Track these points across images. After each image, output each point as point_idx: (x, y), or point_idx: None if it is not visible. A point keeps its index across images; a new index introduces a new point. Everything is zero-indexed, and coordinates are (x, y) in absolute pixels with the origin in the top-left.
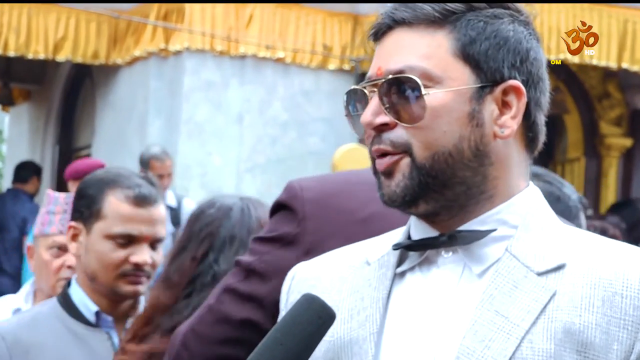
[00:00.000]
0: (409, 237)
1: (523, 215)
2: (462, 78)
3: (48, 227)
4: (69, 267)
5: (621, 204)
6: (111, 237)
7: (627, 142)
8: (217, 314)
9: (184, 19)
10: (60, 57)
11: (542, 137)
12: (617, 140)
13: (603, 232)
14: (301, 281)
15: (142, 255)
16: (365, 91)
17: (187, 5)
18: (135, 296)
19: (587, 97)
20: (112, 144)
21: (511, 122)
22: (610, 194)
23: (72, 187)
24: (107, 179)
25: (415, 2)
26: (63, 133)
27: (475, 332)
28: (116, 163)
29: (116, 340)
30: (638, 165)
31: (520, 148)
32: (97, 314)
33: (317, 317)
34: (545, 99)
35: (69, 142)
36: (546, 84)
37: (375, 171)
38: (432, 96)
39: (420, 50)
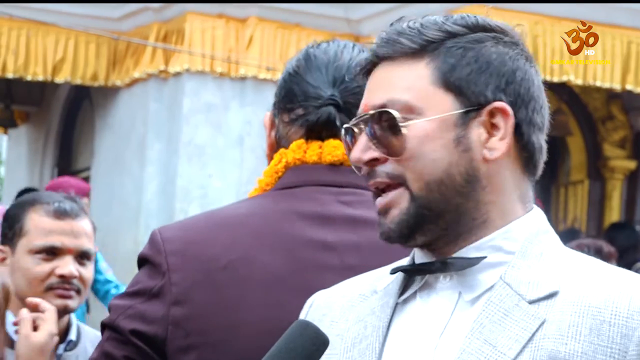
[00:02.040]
0: (413, 263)
1: (521, 242)
2: (444, 105)
3: None
4: None
5: (618, 226)
6: (34, 252)
7: (631, 164)
8: None
9: (183, 41)
10: (59, 79)
11: (540, 157)
12: (621, 163)
13: (598, 251)
14: (316, 309)
15: (66, 267)
16: (355, 129)
17: (187, 27)
18: (65, 311)
19: (590, 119)
20: (111, 167)
21: (499, 144)
22: (614, 217)
23: None
24: (28, 200)
25: (399, 34)
26: (62, 155)
27: None
28: (115, 185)
29: None
30: None
31: (515, 170)
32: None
33: (311, 343)
34: (542, 118)
35: (67, 164)
36: (540, 102)
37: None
38: (414, 126)
39: (401, 83)
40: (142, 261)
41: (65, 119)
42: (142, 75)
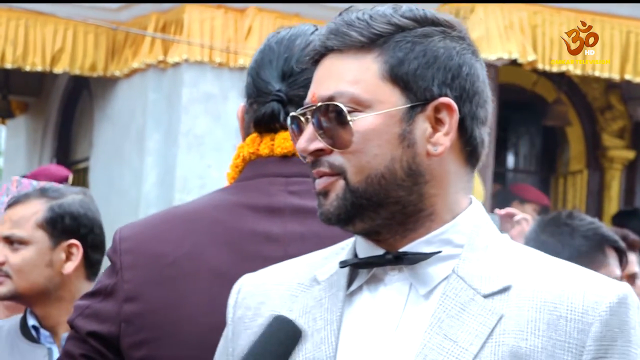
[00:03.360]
0: (355, 254)
1: (468, 235)
2: (391, 100)
3: None
4: None
5: (626, 213)
6: None
7: (630, 154)
8: None
9: (182, 31)
10: (58, 69)
11: (482, 150)
12: (619, 153)
13: (624, 239)
14: (248, 295)
15: None
16: (302, 118)
17: (186, 17)
18: None
19: (589, 109)
20: (110, 157)
21: (444, 139)
22: (612, 207)
23: None
24: None
25: (348, 26)
26: (60, 146)
27: (425, 356)
28: (114, 176)
29: (55, 356)
30: None
31: (458, 163)
32: (35, 328)
33: (286, 337)
34: (485, 112)
35: (66, 155)
36: (484, 96)
37: (316, 192)
38: (361, 121)
39: (349, 75)
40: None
41: (63, 109)
42: (141, 65)
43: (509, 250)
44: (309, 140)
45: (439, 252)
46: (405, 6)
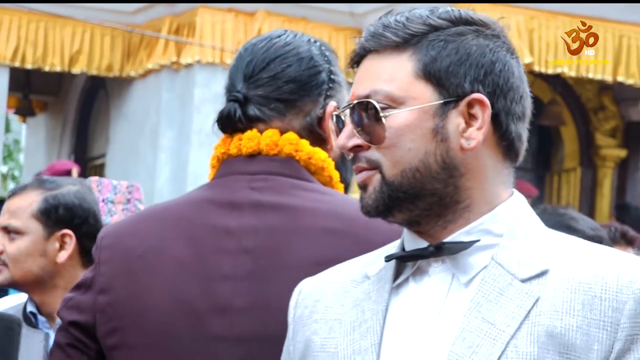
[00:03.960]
0: (403, 249)
1: (507, 224)
2: (425, 96)
3: (108, 217)
4: None
5: (624, 207)
6: None
7: (622, 152)
8: None
9: (195, 33)
10: (76, 70)
11: (520, 144)
12: (611, 151)
13: (623, 235)
14: (307, 295)
15: None
16: (342, 116)
17: (198, 20)
18: None
19: (583, 110)
20: (126, 154)
21: (477, 133)
22: (605, 203)
23: None
24: None
25: (384, 28)
26: (78, 143)
27: (464, 339)
28: (129, 172)
29: (52, 340)
30: (632, 175)
31: (496, 157)
32: (33, 314)
33: (7, 329)
34: (522, 107)
35: (83, 151)
36: (520, 92)
37: (359, 186)
38: (394, 116)
39: (385, 74)
40: None
41: (81, 108)
42: (155, 66)
43: (547, 237)
44: (348, 137)
45: (478, 240)
46: (442, 8)
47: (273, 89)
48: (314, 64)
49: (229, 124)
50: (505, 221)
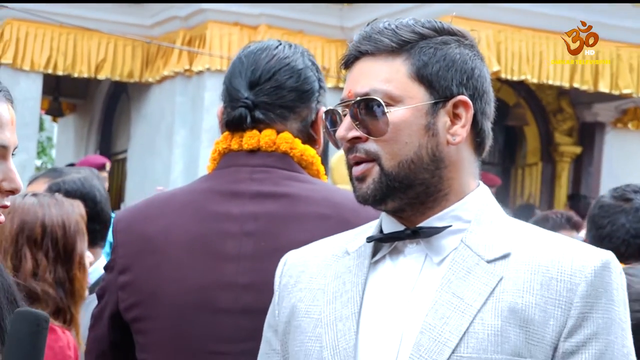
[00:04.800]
0: (381, 231)
1: (475, 212)
2: (419, 96)
3: None
4: None
5: (576, 197)
6: None
7: (577, 149)
8: (89, 336)
9: (205, 45)
10: (101, 76)
11: (488, 142)
12: (568, 148)
13: (569, 220)
14: (292, 266)
15: None
16: (339, 111)
17: (208, 33)
18: None
19: (543, 112)
20: (144, 149)
21: (461, 130)
22: (562, 194)
23: None
24: None
25: (379, 33)
26: (103, 140)
27: (436, 310)
28: (148, 165)
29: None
30: (586, 169)
31: (470, 152)
32: None
33: (35, 326)
34: (490, 109)
35: (107, 147)
36: (490, 95)
37: (351, 177)
38: (394, 113)
39: (382, 75)
40: None
41: (105, 109)
42: (170, 73)
43: (510, 224)
44: (347, 129)
45: (450, 226)
46: (423, 19)
47: (278, 97)
48: (309, 75)
49: (237, 125)
50: (473, 209)
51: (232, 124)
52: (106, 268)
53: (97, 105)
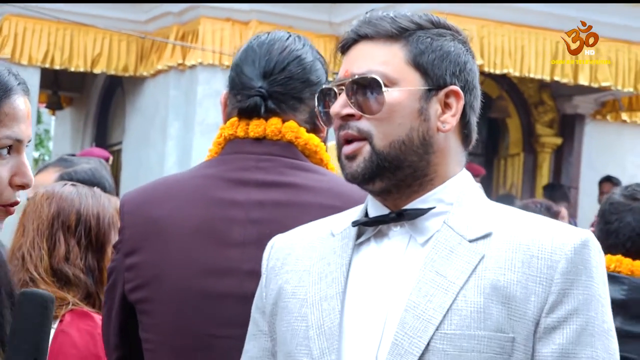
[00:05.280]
0: (366, 214)
1: (457, 194)
2: (414, 81)
3: None
4: None
5: (552, 186)
6: None
7: (558, 140)
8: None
9: (197, 39)
10: (97, 70)
11: (474, 135)
12: (549, 139)
13: (547, 209)
14: (279, 249)
15: None
16: (335, 89)
17: (201, 28)
18: None
19: (525, 104)
20: (139, 141)
21: (451, 119)
22: (543, 183)
23: None
24: None
25: (379, 19)
26: (99, 132)
27: (420, 289)
28: (142, 157)
29: None
30: (567, 159)
31: (457, 142)
32: None
33: (42, 307)
34: (478, 104)
35: (103, 139)
36: (478, 91)
37: (340, 155)
38: (390, 94)
39: (380, 58)
40: None
41: (101, 102)
42: (164, 67)
43: (490, 206)
44: (342, 106)
45: (433, 207)
46: (421, 12)
47: (290, 87)
48: (318, 68)
49: (250, 113)
50: (455, 192)
51: (246, 112)
52: (114, 247)
53: (93, 99)
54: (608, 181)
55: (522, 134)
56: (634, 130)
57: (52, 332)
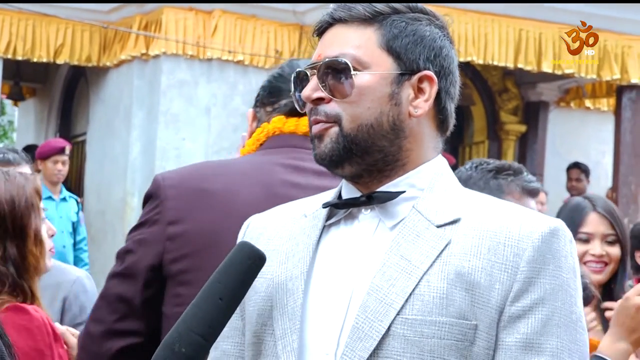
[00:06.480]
0: (339, 197)
1: (429, 180)
2: (386, 65)
3: None
4: None
5: None
6: None
7: (522, 128)
8: (108, 297)
9: (161, 29)
10: (60, 60)
11: (451, 121)
12: (513, 127)
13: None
14: (253, 229)
15: None
16: (308, 73)
17: (164, 18)
18: None
19: (489, 92)
20: (103, 132)
21: (424, 104)
22: None
23: (40, 165)
24: None
25: (350, 2)
26: (63, 123)
27: (384, 272)
28: (106, 147)
29: None
30: (531, 146)
31: (432, 127)
32: None
33: (247, 258)
34: (455, 90)
35: (67, 130)
36: (456, 77)
37: (312, 137)
38: (360, 77)
39: (353, 41)
40: (146, 199)
41: (65, 93)
42: (128, 57)
43: (462, 192)
44: (313, 89)
45: (403, 192)
46: None
47: None
48: None
49: (296, 111)
50: (427, 177)
51: (294, 110)
52: (141, 225)
53: (56, 89)
54: (576, 167)
55: (486, 121)
56: (598, 117)
57: None
